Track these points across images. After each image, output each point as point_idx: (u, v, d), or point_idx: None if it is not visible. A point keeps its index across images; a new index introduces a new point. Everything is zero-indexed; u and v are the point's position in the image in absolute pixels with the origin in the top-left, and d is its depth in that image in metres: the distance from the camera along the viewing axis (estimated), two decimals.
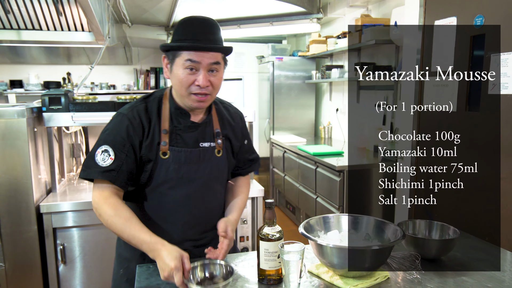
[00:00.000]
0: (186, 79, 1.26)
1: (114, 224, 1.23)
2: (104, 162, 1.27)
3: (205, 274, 1.19)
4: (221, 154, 1.42)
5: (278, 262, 1.18)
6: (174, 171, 1.33)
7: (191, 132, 1.37)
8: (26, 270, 2.09)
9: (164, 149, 1.32)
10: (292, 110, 5.26)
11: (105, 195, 1.27)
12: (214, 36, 1.27)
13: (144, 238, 1.19)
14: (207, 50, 1.25)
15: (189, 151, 1.35)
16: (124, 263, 1.46)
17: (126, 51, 5.86)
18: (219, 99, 1.52)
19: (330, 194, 3.33)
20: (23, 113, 2.01)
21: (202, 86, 1.26)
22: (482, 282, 1.20)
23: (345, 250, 1.15)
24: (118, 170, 1.27)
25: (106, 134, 1.32)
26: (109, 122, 1.35)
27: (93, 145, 1.32)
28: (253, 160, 1.59)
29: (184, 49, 1.24)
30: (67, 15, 2.66)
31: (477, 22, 2.19)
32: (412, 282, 1.20)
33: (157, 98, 1.38)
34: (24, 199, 2.05)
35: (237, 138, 1.50)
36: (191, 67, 1.25)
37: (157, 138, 1.32)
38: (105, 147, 1.28)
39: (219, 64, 1.29)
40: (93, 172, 1.27)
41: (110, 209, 1.24)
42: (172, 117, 1.36)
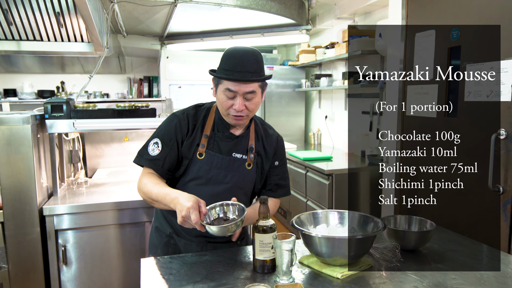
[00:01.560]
0: (225, 103, 1.46)
1: (146, 188, 1.46)
2: (153, 152, 1.52)
3: (220, 215, 1.37)
4: (251, 167, 1.58)
5: (272, 253, 1.31)
6: (205, 171, 1.52)
7: (228, 142, 1.56)
8: (29, 271, 2.17)
9: (201, 151, 1.52)
10: (283, 118, 5.40)
11: (145, 173, 1.53)
12: (253, 66, 1.42)
13: (167, 191, 1.40)
14: (242, 81, 1.41)
15: (221, 157, 1.54)
16: (153, 249, 1.66)
17: (120, 60, 5.96)
18: (262, 121, 1.72)
19: (320, 197, 3.47)
20: (28, 120, 2.11)
21: (238, 110, 1.45)
22: (455, 268, 1.33)
23: (332, 240, 1.27)
24: (163, 160, 1.51)
25: (159, 129, 1.57)
26: (164, 121, 1.59)
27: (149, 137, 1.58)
28: (282, 186, 1.69)
29: (223, 78, 1.43)
30: (68, 26, 2.77)
31: (453, 35, 2.36)
32: (392, 269, 1.33)
33: (206, 108, 1.59)
34: (28, 202, 2.14)
35: (268, 157, 1.64)
36: (229, 95, 1.43)
37: (197, 140, 1.53)
38: (156, 140, 1.54)
39: (255, 93, 1.46)
40: (143, 160, 1.54)
41: (146, 179, 1.49)
42: (215, 125, 1.56)
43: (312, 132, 5.16)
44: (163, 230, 1.64)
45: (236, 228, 1.29)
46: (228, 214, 1.38)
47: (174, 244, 1.62)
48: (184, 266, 1.38)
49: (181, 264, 1.40)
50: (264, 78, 1.46)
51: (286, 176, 1.71)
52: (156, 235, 1.67)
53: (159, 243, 1.64)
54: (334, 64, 4.74)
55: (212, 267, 1.37)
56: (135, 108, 2.52)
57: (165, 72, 5.67)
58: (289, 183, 1.73)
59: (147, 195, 1.47)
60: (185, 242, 1.59)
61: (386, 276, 1.28)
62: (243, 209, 1.34)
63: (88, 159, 3.18)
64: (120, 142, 3.21)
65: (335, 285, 1.23)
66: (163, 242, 1.63)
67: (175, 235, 1.61)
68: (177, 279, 1.28)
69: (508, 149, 2.02)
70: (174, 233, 1.61)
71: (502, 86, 2.03)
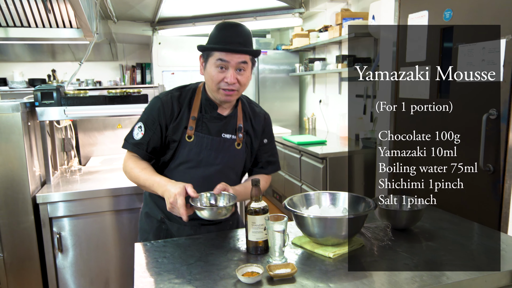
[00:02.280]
0: (216, 76, 1.44)
1: (133, 173, 1.48)
2: (137, 136, 1.53)
3: (210, 202, 1.37)
4: (240, 147, 1.58)
5: (265, 234, 1.32)
6: (195, 154, 1.51)
7: (216, 123, 1.54)
8: (24, 259, 2.17)
9: (190, 133, 1.51)
10: (277, 103, 5.39)
11: (129, 156, 1.54)
12: (243, 38, 1.44)
13: (155, 179, 1.41)
14: (236, 52, 1.41)
15: (211, 138, 1.52)
16: (144, 235, 1.66)
17: (111, 47, 5.89)
18: (248, 99, 1.70)
19: (314, 180, 3.48)
20: (18, 107, 2.09)
21: (230, 83, 1.43)
22: (445, 245, 1.35)
23: (324, 220, 1.28)
24: (146, 144, 1.51)
25: (143, 113, 1.56)
26: (148, 104, 1.58)
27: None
28: (272, 163, 1.71)
29: (216, 49, 1.42)
30: (56, 12, 2.72)
31: (446, 16, 2.35)
32: (383, 247, 1.35)
33: (192, 89, 1.57)
34: (20, 190, 2.13)
35: (257, 136, 1.64)
36: (221, 65, 1.42)
37: (185, 122, 1.51)
38: (140, 124, 1.53)
39: (247, 64, 1.45)
40: (128, 144, 1.54)
41: (132, 163, 1.51)
42: (202, 107, 1.54)
43: (307, 117, 5.16)
44: (154, 216, 1.64)
45: (227, 212, 1.30)
46: (219, 202, 1.38)
47: (165, 229, 1.61)
48: (178, 249, 1.39)
49: (175, 247, 1.41)
50: (256, 50, 1.46)
51: (275, 152, 1.73)
52: (146, 221, 1.66)
53: (150, 229, 1.63)
54: (328, 47, 4.71)
55: (206, 249, 1.38)
56: (126, 94, 2.49)
57: (157, 58, 5.61)
58: (278, 158, 1.75)
59: (135, 179, 1.49)
60: (178, 226, 1.59)
61: (377, 255, 1.30)
62: (234, 197, 1.35)
63: (81, 147, 3.17)
64: (113, 130, 3.20)
65: (327, 264, 1.24)
66: (154, 227, 1.63)
67: (167, 220, 1.60)
68: (170, 262, 1.29)
69: (499, 129, 2.03)
70: (166, 218, 1.60)
71: (493, 66, 2.03)
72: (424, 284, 1.10)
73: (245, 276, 1.13)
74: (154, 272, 1.23)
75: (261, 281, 1.14)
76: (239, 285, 1.13)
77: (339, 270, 1.20)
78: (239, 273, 1.15)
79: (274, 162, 1.71)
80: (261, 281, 1.15)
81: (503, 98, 2.00)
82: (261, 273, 1.14)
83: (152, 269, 1.25)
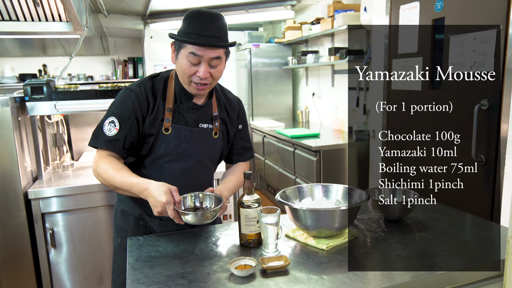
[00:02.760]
0: (188, 70, 1.37)
1: (107, 175, 1.35)
2: (110, 132, 1.40)
3: (195, 204, 1.31)
4: (217, 135, 1.54)
5: (257, 227, 1.31)
6: (174, 147, 1.46)
7: (193, 113, 1.48)
8: (17, 255, 2.16)
9: (167, 126, 1.44)
10: (270, 96, 5.38)
11: (102, 156, 1.41)
12: (219, 31, 1.35)
13: (132, 181, 1.30)
14: (209, 46, 1.33)
15: (189, 130, 1.47)
16: (121, 233, 1.59)
17: (102, 41, 5.83)
18: (220, 86, 1.64)
19: (308, 173, 3.49)
20: (7, 102, 2.06)
21: (202, 77, 1.37)
22: (438, 236, 1.36)
23: (317, 212, 1.28)
24: (123, 140, 1.39)
25: (114, 107, 1.44)
26: (117, 96, 1.47)
27: (102, 117, 1.44)
28: (248, 149, 1.69)
29: (188, 42, 1.33)
30: (44, 5, 2.68)
31: (437, 6, 2.35)
32: (376, 239, 1.35)
33: (164, 78, 1.49)
34: (12, 186, 2.11)
35: (232, 123, 1.61)
36: (193, 60, 1.35)
37: (161, 115, 1.44)
38: (112, 119, 1.41)
39: (220, 59, 1.39)
40: (99, 141, 1.41)
41: (105, 163, 1.37)
42: (176, 96, 1.47)
43: (300, 110, 5.16)
44: (131, 213, 1.57)
45: (214, 215, 1.24)
46: (205, 204, 1.33)
47: (144, 225, 1.55)
48: (171, 243, 1.39)
49: (168, 241, 1.40)
50: (230, 44, 1.40)
51: (249, 138, 1.71)
52: (123, 219, 1.59)
53: (128, 227, 1.56)
54: (320, 40, 4.69)
55: (199, 243, 1.37)
56: (118, 88, 2.47)
57: (149, 52, 5.57)
58: (251, 143, 1.72)
59: (109, 182, 1.36)
60: (159, 222, 1.54)
61: (370, 246, 1.30)
62: (220, 199, 1.30)
63: (73, 143, 3.14)
64: None
65: (321, 256, 1.24)
66: (131, 225, 1.56)
67: (147, 216, 1.55)
68: (163, 256, 1.28)
69: (490, 119, 2.04)
70: (146, 214, 1.54)
71: (485, 56, 2.04)
72: (416, 275, 1.11)
73: (238, 269, 1.13)
74: (147, 266, 1.23)
75: (254, 274, 1.14)
76: (232, 278, 1.13)
77: (332, 262, 1.20)
78: (232, 266, 1.15)
79: (249, 148, 1.69)
80: (254, 273, 1.14)
81: (494, 88, 2.00)
82: (254, 266, 1.14)
83: (145, 263, 1.25)
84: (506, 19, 1.91)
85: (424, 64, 2.47)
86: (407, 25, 2.59)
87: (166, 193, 1.22)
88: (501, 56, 1.95)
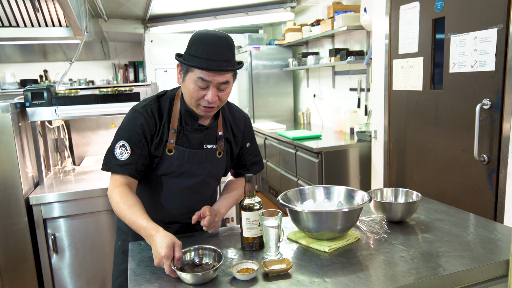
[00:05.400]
0: (196, 94, 1.34)
1: (119, 209, 1.34)
2: (122, 156, 1.39)
3: (194, 260, 1.23)
4: (221, 155, 1.53)
5: (259, 230, 1.30)
6: (177, 167, 1.45)
7: (198, 134, 1.46)
8: (19, 260, 2.16)
9: (170, 147, 1.42)
10: (271, 98, 5.37)
11: (117, 184, 1.39)
12: (227, 55, 1.31)
13: (141, 224, 1.27)
14: (219, 71, 1.30)
15: (193, 152, 1.45)
16: (122, 236, 1.59)
17: (103, 46, 5.84)
18: (228, 103, 1.60)
19: (310, 175, 3.48)
20: (8, 108, 2.06)
21: (211, 102, 1.34)
22: (441, 237, 1.35)
23: (319, 214, 1.27)
24: (135, 164, 1.39)
25: (122, 130, 1.42)
26: (124, 118, 1.44)
27: (112, 140, 1.43)
28: (256, 163, 1.67)
29: (197, 67, 1.29)
30: (44, 10, 2.69)
31: (437, 6, 2.34)
32: (379, 241, 1.34)
33: (169, 98, 1.46)
34: (13, 192, 2.11)
35: (237, 142, 1.59)
36: (202, 85, 1.32)
37: (165, 136, 1.42)
38: (123, 142, 1.40)
39: (228, 83, 1.36)
40: (112, 166, 1.40)
41: (118, 196, 1.35)
42: (181, 117, 1.45)
43: (301, 112, 5.15)
44: None
45: (214, 274, 1.13)
46: (204, 260, 1.24)
47: None
48: None
49: None
50: (239, 67, 1.38)
51: (258, 152, 1.69)
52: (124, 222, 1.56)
53: (129, 230, 1.54)
54: (321, 41, 4.69)
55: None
56: (118, 92, 2.47)
57: (150, 56, 5.58)
58: (261, 157, 1.70)
59: (120, 216, 1.35)
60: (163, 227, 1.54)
61: (373, 248, 1.29)
62: (220, 254, 1.20)
63: (75, 148, 3.14)
64: (106, 129, 3.17)
65: (323, 259, 1.23)
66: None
67: None
68: None
69: (492, 118, 2.03)
70: None
71: (486, 55, 2.03)
72: (420, 277, 1.10)
73: (240, 273, 1.12)
74: (149, 270, 1.22)
75: (256, 278, 1.13)
76: (234, 281, 1.12)
77: (335, 264, 1.19)
78: (234, 270, 1.14)
79: (258, 162, 1.67)
80: (257, 277, 1.14)
81: (496, 87, 1.99)
82: (256, 269, 1.13)
83: (147, 268, 1.24)
84: (506, 17, 1.90)
85: (425, 64, 2.46)
86: (407, 25, 2.58)
87: (168, 247, 1.16)
88: (503, 55, 1.94)
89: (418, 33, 2.50)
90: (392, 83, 2.78)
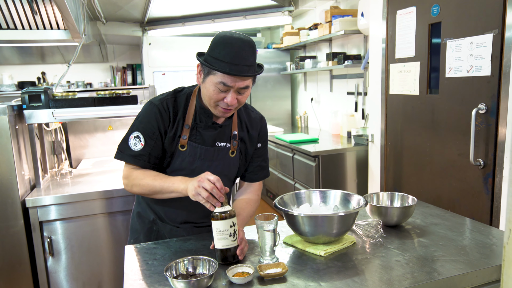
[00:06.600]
0: (216, 96, 1.34)
1: (145, 182, 1.39)
2: (135, 147, 1.42)
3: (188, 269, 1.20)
4: (234, 155, 1.53)
5: (231, 241, 1.22)
6: (188, 163, 1.46)
7: (211, 132, 1.47)
8: (15, 263, 2.15)
9: (183, 143, 1.44)
10: (269, 102, 5.38)
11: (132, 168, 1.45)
12: (250, 60, 1.31)
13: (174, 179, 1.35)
14: (241, 76, 1.30)
15: (204, 149, 1.46)
16: (135, 234, 1.63)
17: (101, 48, 5.84)
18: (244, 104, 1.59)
19: (307, 179, 3.48)
20: (4, 110, 2.06)
21: (230, 104, 1.35)
22: (436, 241, 1.35)
23: (315, 218, 1.28)
24: (148, 155, 1.42)
25: (138, 121, 1.45)
26: (141, 111, 1.47)
27: (127, 130, 1.47)
28: (263, 168, 1.66)
29: (220, 71, 1.29)
30: (42, 13, 2.69)
31: (434, 11, 2.36)
32: (375, 245, 1.35)
33: (186, 94, 1.48)
34: (9, 194, 2.10)
35: (252, 142, 1.59)
36: (222, 88, 1.32)
37: (179, 131, 1.44)
38: (137, 133, 1.43)
39: (248, 87, 1.36)
40: (125, 156, 1.44)
41: (140, 174, 1.41)
42: (196, 114, 1.46)
43: (299, 115, 5.16)
44: (146, 216, 1.60)
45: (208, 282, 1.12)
46: (198, 269, 1.20)
47: (157, 230, 1.58)
48: (169, 251, 1.38)
49: (166, 249, 1.40)
50: (260, 72, 1.39)
51: (267, 157, 1.68)
52: (138, 221, 1.63)
53: (141, 229, 1.61)
54: (318, 45, 4.71)
55: (197, 251, 1.37)
56: (115, 95, 2.47)
57: (148, 59, 5.58)
58: (268, 163, 1.70)
59: (148, 189, 1.39)
60: (171, 227, 1.57)
61: (368, 252, 1.30)
62: (215, 264, 1.17)
63: (72, 150, 3.14)
64: (104, 132, 3.17)
65: (319, 263, 1.24)
66: (145, 228, 1.60)
67: (159, 221, 1.58)
68: (161, 264, 1.28)
69: (488, 123, 2.04)
70: (158, 219, 1.58)
71: (481, 60, 2.04)
72: (415, 281, 1.10)
73: (235, 277, 1.13)
74: (145, 274, 1.22)
75: (252, 281, 1.13)
76: (230, 285, 1.12)
77: (331, 268, 1.20)
78: (229, 274, 1.14)
79: (264, 167, 1.67)
80: (252, 281, 1.14)
81: (492, 92, 2.01)
82: (251, 273, 1.13)
83: (143, 272, 1.24)
84: (502, 23, 1.92)
85: (421, 68, 2.48)
86: (404, 29, 2.60)
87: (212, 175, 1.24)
88: (498, 60, 1.96)
89: (414, 38, 2.51)
90: (389, 87, 2.79)
